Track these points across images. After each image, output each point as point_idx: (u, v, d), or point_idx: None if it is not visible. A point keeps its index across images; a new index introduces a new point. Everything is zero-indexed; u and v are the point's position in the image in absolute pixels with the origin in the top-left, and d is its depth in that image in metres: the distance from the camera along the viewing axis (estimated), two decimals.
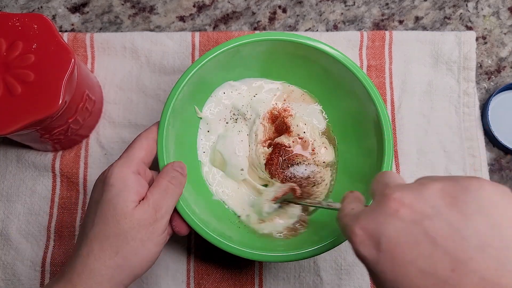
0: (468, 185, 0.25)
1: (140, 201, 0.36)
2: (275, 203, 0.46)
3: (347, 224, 0.28)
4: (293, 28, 0.57)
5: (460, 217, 0.24)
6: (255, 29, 0.57)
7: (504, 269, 0.22)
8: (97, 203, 0.36)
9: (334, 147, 0.50)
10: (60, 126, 0.45)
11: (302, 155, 0.48)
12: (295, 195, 0.46)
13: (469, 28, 0.58)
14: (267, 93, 0.51)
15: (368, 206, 0.28)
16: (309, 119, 0.50)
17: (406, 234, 0.24)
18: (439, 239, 0.23)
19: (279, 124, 0.49)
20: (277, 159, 0.48)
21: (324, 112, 0.51)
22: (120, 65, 0.54)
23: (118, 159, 0.38)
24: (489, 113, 0.54)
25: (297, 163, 0.48)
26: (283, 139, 0.48)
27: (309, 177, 0.47)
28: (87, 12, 0.57)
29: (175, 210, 0.40)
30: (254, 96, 0.50)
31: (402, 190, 0.26)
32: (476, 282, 0.22)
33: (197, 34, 0.55)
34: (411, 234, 0.24)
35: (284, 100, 0.51)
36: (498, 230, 0.23)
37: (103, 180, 0.36)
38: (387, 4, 0.58)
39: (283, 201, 0.46)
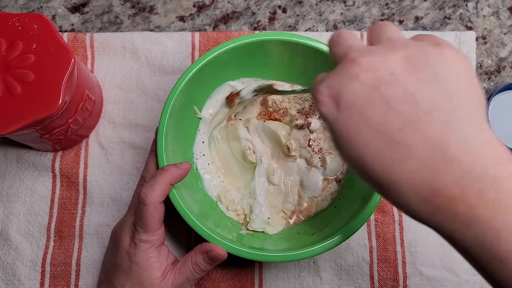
0: (429, 53, 0.26)
1: (164, 271, 0.41)
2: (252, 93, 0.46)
3: (314, 85, 0.29)
4: (293, 28, 0.57)
5: (416, 83, 0.25)
6: (255, 29, 0.57)
7: (447, 128, 0.24)
8: (125, 274, 0.40)
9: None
10: (60, 126, 0.45)
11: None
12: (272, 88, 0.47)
13: (469, 28, 0.58)
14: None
15: (334, 68, 0.29)
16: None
17: (364, 97, 0.26)
18: (393, 102, 0.25)
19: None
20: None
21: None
22: (120, 65, 0.54)
23: (139, 224, 0.40)
24: (489, 113, 0.54)
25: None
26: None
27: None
28: (87, 12, 0.57)
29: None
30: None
31: (366, 54, 0.27)
32: (419, 139, 0.24)
33: (197, 34, 0.55)
34: (369, 97, 0.26)
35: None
36: (449, 96, 0.25)
37: (127, 251, 0.40)
38: (387, 4, 0.58)
39: (259, 91, 0.46)
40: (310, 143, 0.49)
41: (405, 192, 0.24)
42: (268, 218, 0.47)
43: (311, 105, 0.50)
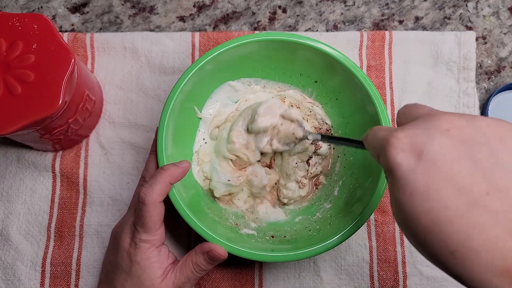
0: None
1: (164, 271, 0.41)
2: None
3: (386, 134, 0.27)
4: (293, 28, 0.57)
5: (506, 151, 0.24)
6: (255, 29, 0.57)
7: None
8: (126, 274, 0.40)
9: (333, 148, 0.50)
10: (60, 126, 0.45)
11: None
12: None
13: (469, 28, 0.58)
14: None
15: (413, 121, 0.27)
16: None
17: (452, 152, 0.24)
18: (483, 164, 0.24)
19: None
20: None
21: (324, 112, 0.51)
22: (120, 65, 0.54)
23: (139, 224, 0.40)
24: (489, 113, 0.54)
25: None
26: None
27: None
28: (87, 12, 0.57)
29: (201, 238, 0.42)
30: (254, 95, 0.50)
31: (454, 114, 0.26)
32: (507, 208, 0.23)
33: (197, 34, 0.55)
34: (457, 153, 0.24)
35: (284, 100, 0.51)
36: None
37: (128, 251, 0.40)
38: (387, 4, 0.58)
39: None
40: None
41: (485, 261, 0.23)
42: (228, 180, 0.47)
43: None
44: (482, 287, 0.23)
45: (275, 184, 0.49)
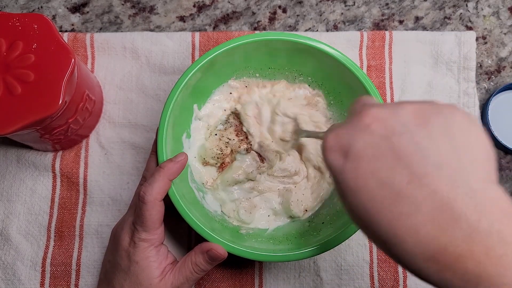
0: (441, 109, 0.26)
1: (163, 270, 0.40)
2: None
3: (324, 135, 0.29)
4: (293, 28, 0.57)
5: (426, 137, 0.25)
6: (255, 29, 0.57)
7: (454, 185, 0.24)
8: (124, 273, 0.40)
9: None
10: (60, 126, 0.45)
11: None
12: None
13: (469, 28, 0.58)
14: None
15: (344, 122, 0.29)
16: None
17: (373, 147, 0.26)
18: (403, 155, 0.25)
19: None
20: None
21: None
22: (120, 65, 0.54)
23: (139, 223, 0.40)
24: (489, 113, 0.54)
25: None
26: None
27: None
28: (87, 12, 0.57)
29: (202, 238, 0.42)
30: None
31: (377, 107, 0.27)
32: (426, 194, 0.24)
33: (197, 34, 0.55)
34: (378, 148, 0.25)
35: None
36: (458, 153, 0.25)
37: (127, 250, 0.40)
38: (387, 4, 0.58)
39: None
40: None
41: (411, 248, 0.24)
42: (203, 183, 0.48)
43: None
44: (417, 272, 0.25)
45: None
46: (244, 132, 0.50)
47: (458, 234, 0.23)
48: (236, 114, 0.50)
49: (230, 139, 0.49)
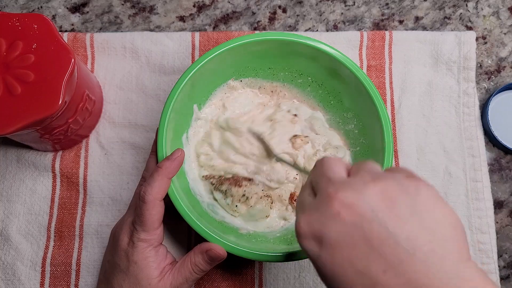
0: (406, 187, 0.26)
1: (162, 271, 0.40)
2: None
3: (297, 212, 0.30)
4: (293, 28, 0.57)
5: (396, 221, 0.25)
6: (255, 29, 0.57)
7: (429, 271, 0.24)
8: (123, 273, 0.40)
9: None
10: (60, 126, 0.45)
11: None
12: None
13: (469, 28, 0.58)
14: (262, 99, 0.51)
15: (315, 200, 0.29)
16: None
17: (346, 236, 0.26)
18: (375, 243, 0.25)
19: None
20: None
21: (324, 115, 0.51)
22: (120, 65, 0.54)
23: (138, 222, 0.40)
24: (489, 113, 0.54)
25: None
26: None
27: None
28: (87, 12, 0.57)
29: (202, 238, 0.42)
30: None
31: (344, 189, 0.27)
32: (403, 282, 0.24)
33: (197, 34, 0.55)
34: (351, 237, 0.26)
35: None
36: (428, 233, 0.25)
37: (125, 250, 0.40)
38: (387, 4, 0.58)
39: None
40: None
41: None
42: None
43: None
44: None
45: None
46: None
47: None
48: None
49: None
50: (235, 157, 0.48)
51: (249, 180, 0.47)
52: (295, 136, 0.48)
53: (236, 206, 0.46)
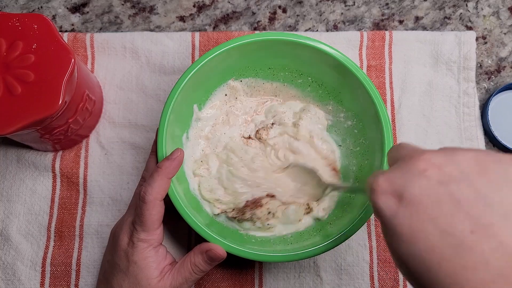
0: (501, 158, 0.25)
1: (162, 271, 0.40)
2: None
3: (372, 179, 0.27)
4: (293, 28, 0.57)
5: (488, 185, 0.24)
6: (255, 29, 0.57)
7: None
8: (123, 273, 0.40)
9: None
10: (60, 126, 0.45)
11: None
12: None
13: (469, 28, 0.58)
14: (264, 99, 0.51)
15: (395, 165, 0.28)
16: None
17: (431, 193, 0.24)
18: (464, 202, 0.23)
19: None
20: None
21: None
22: (120, 65, 0.54)
23: (138, 223, 0.40)
24: (489, 113, 0.54)
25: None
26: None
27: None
28: (87, 12, 0.57)
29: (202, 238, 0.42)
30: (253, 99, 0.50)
31: (432, 152, 0.26)
32: (494, 246, 0.22)
33: (197, 34, 0.55)
34: (436, 194, 0.24)
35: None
36: None
37: (125, 250, 0.40)
38: (387, 4, 0.58)
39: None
40: None
41: None
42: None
43: None
44: None
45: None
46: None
47: None
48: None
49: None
50: (243, 188, 0.47)
51: (267, 196, 0.46)
52: (257, 131, 0.49)
53: (268, 224, 0.46)
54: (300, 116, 0.49)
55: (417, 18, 0.58)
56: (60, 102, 0.40)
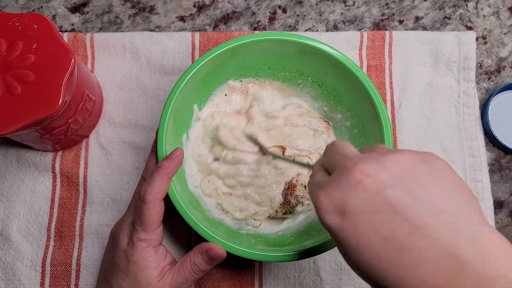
0: (424, 157, 0.27)
1: (161, 271, 0.40)
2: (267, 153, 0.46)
3: (314, 192, 0.29)
4: (293, 28, 0.57)
5: (418, 186, 0.25)
6: (255, 29, 0.57)
7: (454, 231, 0.24)
8: (123, 273, 0.40)
9: None
10: (60, 126, 0.45)
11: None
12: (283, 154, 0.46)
13: (469, 28, 0.58)
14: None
15: (332, 176, 0.29)
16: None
17: (369, 203, 0.26)
18: (399, 207, 0.25)
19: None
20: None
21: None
22: (120, 65, 0.54)
23: (138, 222, 0.40)
24: (489, 113, 0.54)
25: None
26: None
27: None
28: (87, 12, 0.57)
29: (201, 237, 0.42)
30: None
31: (364, 161, 0.27)
32: (429, 243, 0.24)
33: (197, 34, 0.55)
34: (374, 203, 0.26)
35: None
36: (450, 198, 0.25)
37: (125, 250, 0.40)
38: (387, 4, 0.58)
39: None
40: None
41: None
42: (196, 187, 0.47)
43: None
44: None
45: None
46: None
47: (466, 282, 0.23)
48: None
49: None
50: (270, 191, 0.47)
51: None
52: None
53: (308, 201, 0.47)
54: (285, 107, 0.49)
55: (417, 18, 0.58)
56: (60, 102, 0.40)
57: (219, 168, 0.47)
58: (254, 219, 0.47)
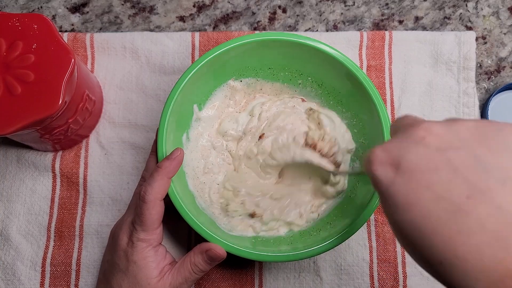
0: (501, 127, 0.24)
1: (161, 271, 0.40)
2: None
3: (370, 152, 0.27)
4: (293, 28, 0.57)
5: (486, 152, 0.23)
6: (255, 29, 0.57)
7: None
8: (123, 273, 0.40)
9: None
10: (60, 126, 0.45)
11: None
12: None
13: (469, 28, 0.58)
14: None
15: (394, 135, 0.27)
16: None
17: (428, 160, 0.24)
18: (461, 168, 0.23)
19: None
20: None
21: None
22: (120, 65, 0.54)
23: (138, 222, 0.40)
24: (489, 113, 0.54)
25: None
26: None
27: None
28: (87, 12, 0.57)
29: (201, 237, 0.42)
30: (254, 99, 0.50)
31: (433, 121, 0.26)
32: (491, 211, 0.22)
33: (197, 34, 0.55)
34: (433, 161, 0.24)
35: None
36: None
37: (125, 250, 0.40)
38: (387, 4, 0.58)
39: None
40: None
41: (472, 270, 0.22)
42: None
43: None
44: None
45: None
46: None
47: None
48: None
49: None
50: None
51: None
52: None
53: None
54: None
55: (417, 18, 0.58)
56: (60, 102, 0.40)
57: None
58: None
